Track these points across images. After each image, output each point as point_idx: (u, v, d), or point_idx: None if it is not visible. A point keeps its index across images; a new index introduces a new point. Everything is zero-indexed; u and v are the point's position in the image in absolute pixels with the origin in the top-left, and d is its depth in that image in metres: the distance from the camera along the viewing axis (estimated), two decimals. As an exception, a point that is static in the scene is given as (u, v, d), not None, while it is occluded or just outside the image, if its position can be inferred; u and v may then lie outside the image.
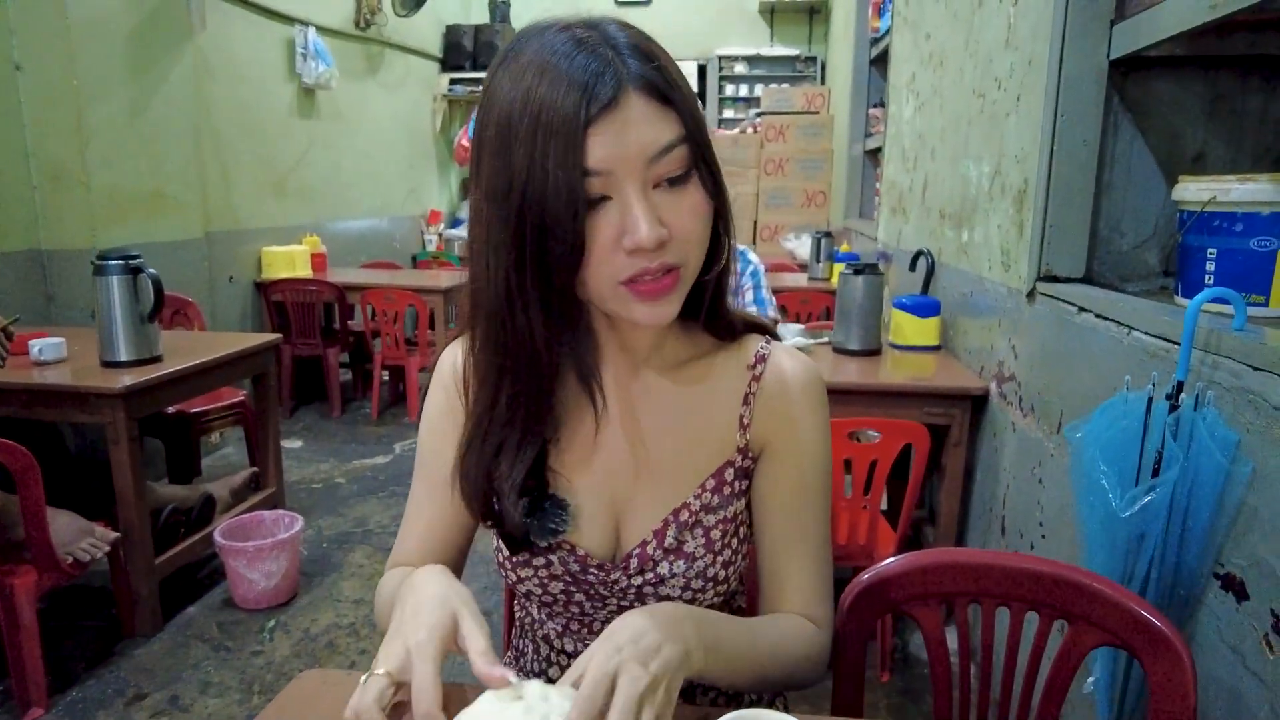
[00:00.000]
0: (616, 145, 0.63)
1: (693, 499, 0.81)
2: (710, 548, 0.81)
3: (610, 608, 0.83)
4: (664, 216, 0.66)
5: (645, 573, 0.80)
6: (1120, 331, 1.37)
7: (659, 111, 0.65)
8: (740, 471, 0.83)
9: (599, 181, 0.64)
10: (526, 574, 0.82)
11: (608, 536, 0.82)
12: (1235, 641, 1.02)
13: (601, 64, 0.63)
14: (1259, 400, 0.99)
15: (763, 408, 0.82)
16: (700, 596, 0.81)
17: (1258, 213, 1.29)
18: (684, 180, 0.68)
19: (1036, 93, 1.78)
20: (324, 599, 2.53)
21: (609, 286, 0.68)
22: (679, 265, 0.69)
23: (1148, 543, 1.08)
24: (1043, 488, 1.69)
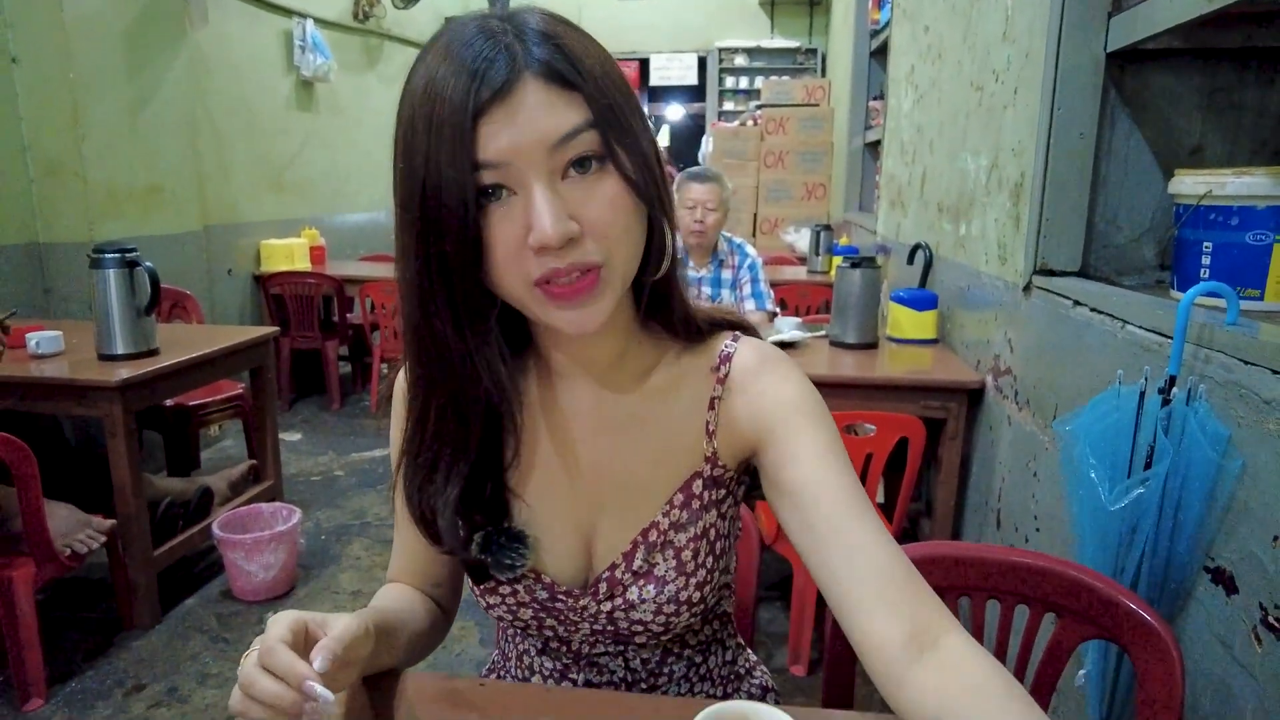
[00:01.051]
0: (512, 135, 0.60)
1: (661, 517, 0.77)
2: (682, 569, 0.76)
3: (584, 632, 0.80)
4: (575, 210, 0.62)
5: (615, 598, 0.77)
6: (1114, 325, 1.37)
7: (560, 96, 0.61)
8: (710, 482, 0.78)
9: (496, 174, 0.61)
10: (494, 601, 0.80)
11: (575, 561, 0.79)
12: (1224, 634, 1.02)
13: (496, 49, 0.60)
14: (1250, 395, 0.99)
15: (729, 408, 0.76)
16: (674, 620, 0.77)
17: (1254, 206, 1.28)
18: (595, 170, 0.63)
19: (1034, 86, 1.77)
20: (322, 591, 2.54)
21: (523, 289, 0.64)
22: (599, 263, 0.64)
23: (1139, 536, 1.08)
24: (1038, 481, 1.69)
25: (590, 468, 0.78)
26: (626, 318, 0.76)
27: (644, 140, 0.66)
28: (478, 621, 2.37)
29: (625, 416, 0.78)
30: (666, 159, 0.73)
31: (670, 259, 0.71)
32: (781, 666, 2.09)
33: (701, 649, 0.89)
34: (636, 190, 0.64)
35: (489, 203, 0.62)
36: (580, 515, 0.79)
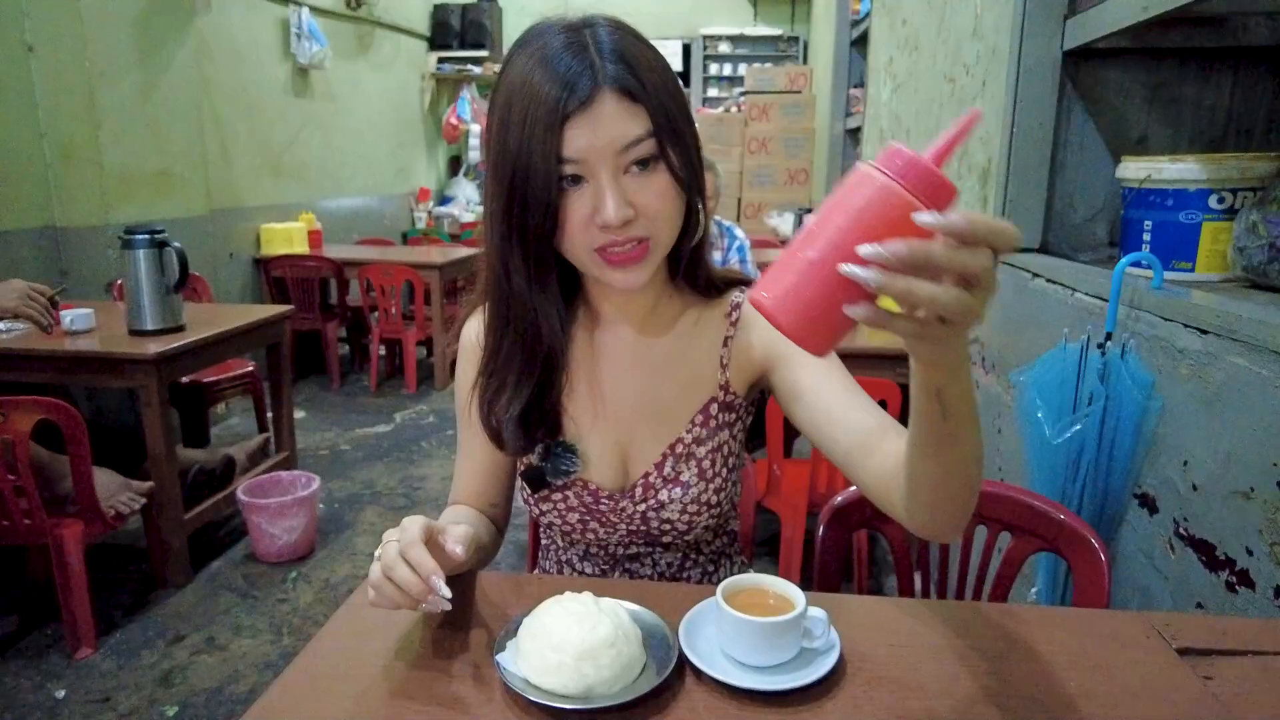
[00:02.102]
0: (590, 137, 0.76)
1: (685, 433, 0.95)
2: (703, 476, 0.95)
3: (620, 532, 0.99)
4: (633, 198, 0.79)
5: (648, 499, 0.95)
6: (1065, 293, 1.56)
7: (629, 109, 0.77)
8: (723, 406, 0.96)
9: (576, 167, 0.77)
10: (547, 508, 0.99)
11: (615, 471, 0.97)
12: (1147, 548, 1.22)
13: (582, 65, 0.76)
14: (1168, 346, 1.18)
15: (739, 344, 0.96)
16: (696, 519, 0.96)
17: (1186, 189, 1.46)
18: (651, 167, 0.79)
19: (999, 79, 1.95)
20: (341, 552, 2.70)
21: (586, 253, 0.82)
22: (648, 238, 0.81)
23: (1081, 469, 1.28)
24: (1001, 436, 1.89)
25: (627, 395, 0.97)
26: (661, 278, 0.95)
27: (690, 140, 0.83)
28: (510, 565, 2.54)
29: (656, 355, 0.98)
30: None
31: (703, 232, 0.91)
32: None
33: (714, 559, 1.07)
34: (681, 183, 0.82)
35: (567, 187, 0.80)
36: (619, 433, 0.97)
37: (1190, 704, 0.73)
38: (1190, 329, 1.13)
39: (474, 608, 0.89)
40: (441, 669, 0.77)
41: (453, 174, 7.38)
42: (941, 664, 0.78)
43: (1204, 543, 1.09)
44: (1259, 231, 1.30)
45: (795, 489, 2.16)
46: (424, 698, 0.73)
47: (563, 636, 0.71)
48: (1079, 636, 0.83)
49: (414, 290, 4.36)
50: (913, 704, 0.72)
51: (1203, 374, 1.10)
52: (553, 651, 0.71)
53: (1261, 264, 1.27)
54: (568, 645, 0.70)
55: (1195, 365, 1.12)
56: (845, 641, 0.78)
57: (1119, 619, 0.88)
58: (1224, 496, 1.05)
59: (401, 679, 0.76)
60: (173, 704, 1.94)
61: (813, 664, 0.75)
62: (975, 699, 0.73)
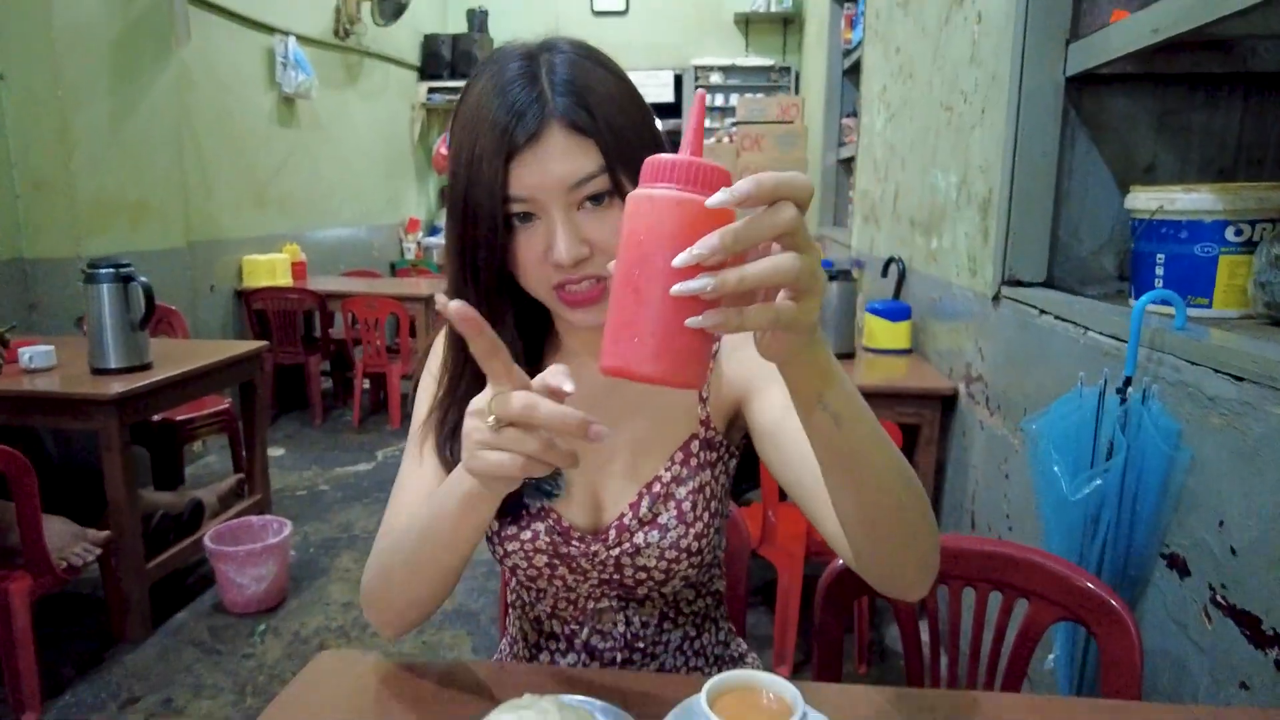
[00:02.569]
0: (538, 174, 0.72)
1: (663, 471, 0.87)
2: (682, 519, 0.86)
3: (591, 581, 0.89)
4: (588, 234, 0.75)
5: (623, 544, 0.86)
6: (1077, 332, 1.47)
7: (579, 144, 0.73)
8: (704, 443, 0.89)
9: (525, 205, 0.74)
10: (513, 547, 0.88)
11: (588, 510, 0.89)
12: (1179, 615, 1.10)
13: (531, 97, 0.72)
14: (1196, 392, 1.08)
15: (718, 375, 0.89)
16: (675, 567, 0.87)
17: (1201, 220, 1.38)
18: (606, 202, 0.75)
19: (999, 106, 1.87)
20: (313, 602, 2.57)
21: (544, 291, 0.78)
22: (606, 276, 0.74)
23: (1100, 526, 1.17)
24: (1009, 482, 1.78)
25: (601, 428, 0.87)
26: None
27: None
28: (469, 631, 2.41)
29: (630, 389, 0.87)
30: None
31: None
32: (767, 667, 2.15)
33: (696, 622, 0.96)
34: None
35: (518, 224, 0.75)
36: (592, 471, 0.89)
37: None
38: (1222, 375, 1.03)
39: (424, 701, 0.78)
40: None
41: (442, 204, 7.31)
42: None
43: (1246, 614, 0.98)
44: (1282, 266, 1.21)
45: (792, 535, 2.05)
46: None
47: None
48: (1118, 738, 0.72)
49: (399, 323, 4.26)
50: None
51: (1238, 425, 1.00)
52: None
53: (1287, 301, 1.18)
54: None
55: (1229, 415, 1.01)
56: (850, 749, 0.67)
57: (1162, 714, 0.77)
58: (1270, 562, 0.94)
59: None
60: (121, 774, 1.80)
61: (812, 783, 0.64)
62: (1005, 828, 0.61)
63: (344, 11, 5.40)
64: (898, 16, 3.08)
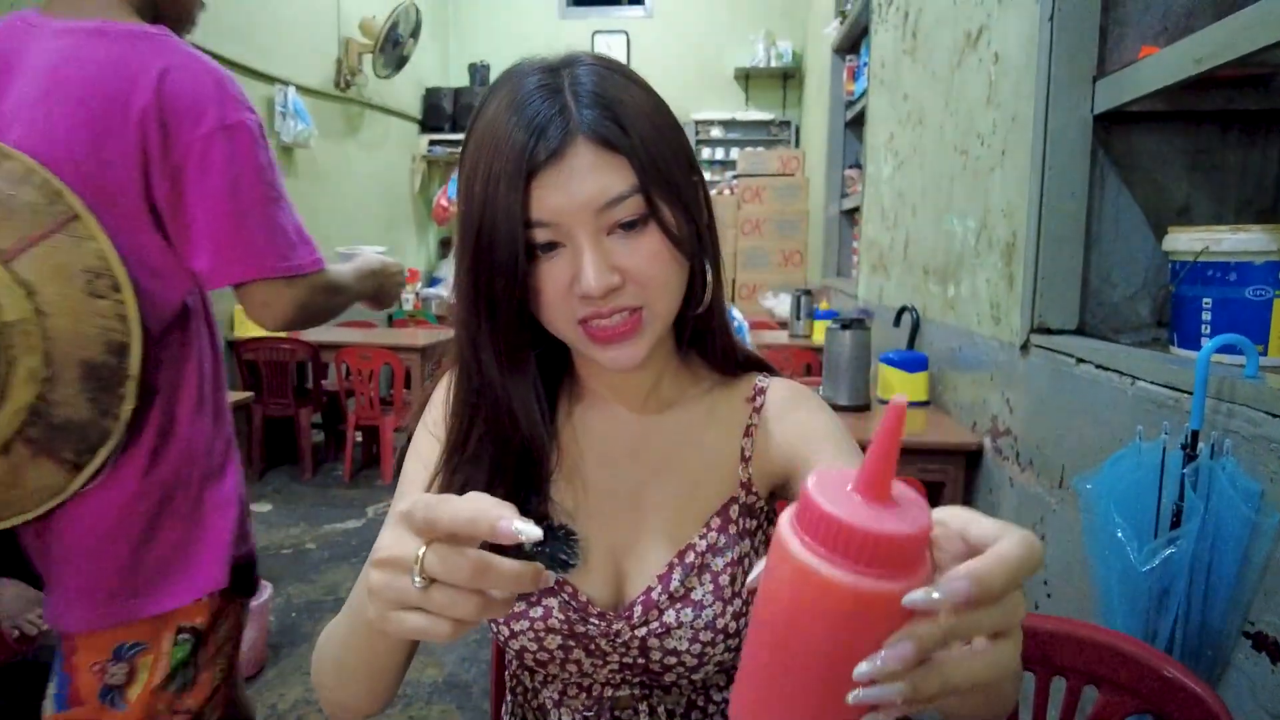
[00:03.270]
0: (562, 196, 0.64)
1: (698, 539, 0.77)
2: (719, 595, 0.75)
3: (611, 665, 0.77)
4: (620, 262, 0.66)
5: (650, 622, 0.75)
6: (1124, 382, 1.35)
7: (609, 161, 0.64)
8: (745, 509, 0.79)
9: (549, 231, 0.65)
10: (520, 627, 0.76)
11: (609, 583, 0.77)
12: (1272, 706, 0.96)
13: (554, 110, 0.64)
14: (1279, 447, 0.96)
15: (766, 436, 0.80)
16: (710, 650, 0.75)
17: (1251, 262, 1.29)
18: (639, 227, 0.67)
19: (1022, 148, 1.79)
20: (293, 671, 2.40)
21: (569, 328, 0.69)
22: (641, 307, 0.68)
23: (1171, 600, 1.04)
24: (1046, 544, 1.65)
25: (626, 490, 0.79)
26: (665, 350, 0.80)
27: (687, 192, 0.70)
28: (459, 705, 2.24)
29: (660, 443, 0.80)
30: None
31: (711, 297, 0.75)
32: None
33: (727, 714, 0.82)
34: (677, 244, 0.68)
35: (540, 254, 0.67)
36: (615, 537, 0.78)
37: None
38: (1313, 428, 0.91)
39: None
40: None
41: (443, 256, 7.28)
42: None
43: (1360, 709, 0.84)
44: (1349, 309, 1.10)
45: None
46: None
47: None
48: None
49: (394, 374, 4.14)
50: None
51: (1338, 486, 0.87)
52: None
53: (1356, 347, 1.07)
54: None
55: (1325, 475, 0.89)
56: None
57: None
58: (1389, 651, 0.81)
59: None
60: None
61: None
62: None
63: (345, 63, 5.42)
64: (905, 64, 3.04)
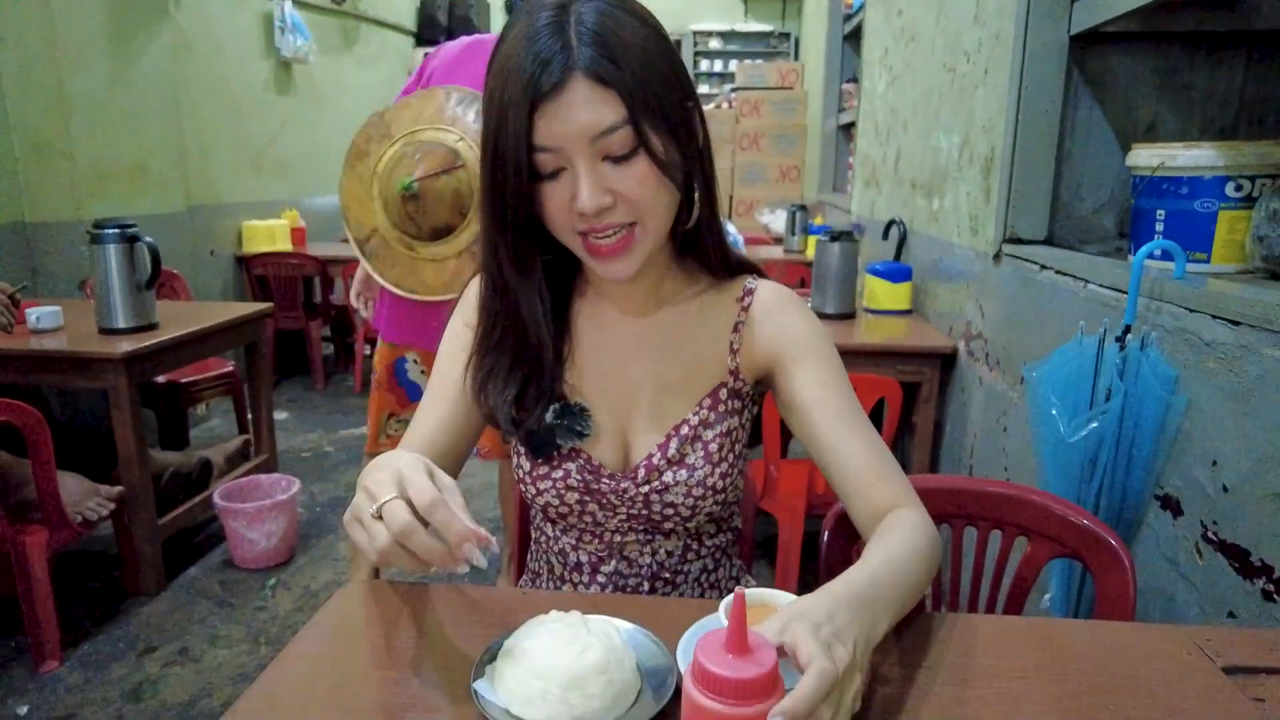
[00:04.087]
0: (561, 125, 0.74)
1: (691, 415, 0.91)
2: (709, 459, 0.90)
3: (620, 516, 0.93)
4: (613, 185, 0.76)
5: (651, 482, 0.90)
6: (1077, 285, 1.50)
7: (602, 95, 0.73)
8: (732, 392, 0.93)
9: (551, 156, 0.76)
10: (545, 486, 0.92)
11: (617, 450, 0.93)
12: (1171, 553, 1.15)
13: (556, 47, 0.73)
14: (1194, 339, 1.11)
15: (751, 333, 0.92)
16: (701, 504, 0.91)
17: (1201, 177, 1.40)
18: (630, 157, 0.76)
19: (1003, 66, 1.89)
20: (322, 558, 2.61)
21: (571, 239, 0.81)
22: (634, 223, 0.79)
23: (1098, 469, 1.21)
24: (1007, 435, 1.82)
25: (631, 375, 0.93)
26: (664, 257, 0.91)
27: (678, 121, 0.79)
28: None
29: (661, 334, 0.94)
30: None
31: (703, 211, 0.87)
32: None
33: (715, 555, 1.01)
34: (665, 170, 0.78)
35: (546, 175, 0.77)
36: (622, 413, 0.93)
37: (1245, 731, 0.65)
38: (1220, 320, 1.06)
39: (450, 626, 0.81)
40: (416, 698, 0.69)
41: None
42: (966, 685, 0.71)
43: (1236, 548, 1.02)
44: (1280, 220, 1.23)
45: (793, 491, 2.09)
46: (392, 731, 0.65)
47: (547, 663, 0.63)
48: (1113, 654, 0.76)
49: (400, 288, 4.26)
50: (938, 734, 0.65)
51: (1234, 368, 1.03)
52: (537, 679, 0.63)
53: (1283, 253, 1.21)
54: (554, 673, 0.63)
55: (1225, 359, 1.05)
56: (860, 662, 0.71)
57: (1154, 634, 0.81)
58: (1260, 498, 0.98)
59: (370, 708, 0.68)
60: (142, 719, 1.85)
61: (826, 689, 0.67)
62: (1008, 728, 0.66)
63: (340, -26, 5.34)
64: (900, -22, 3.06)
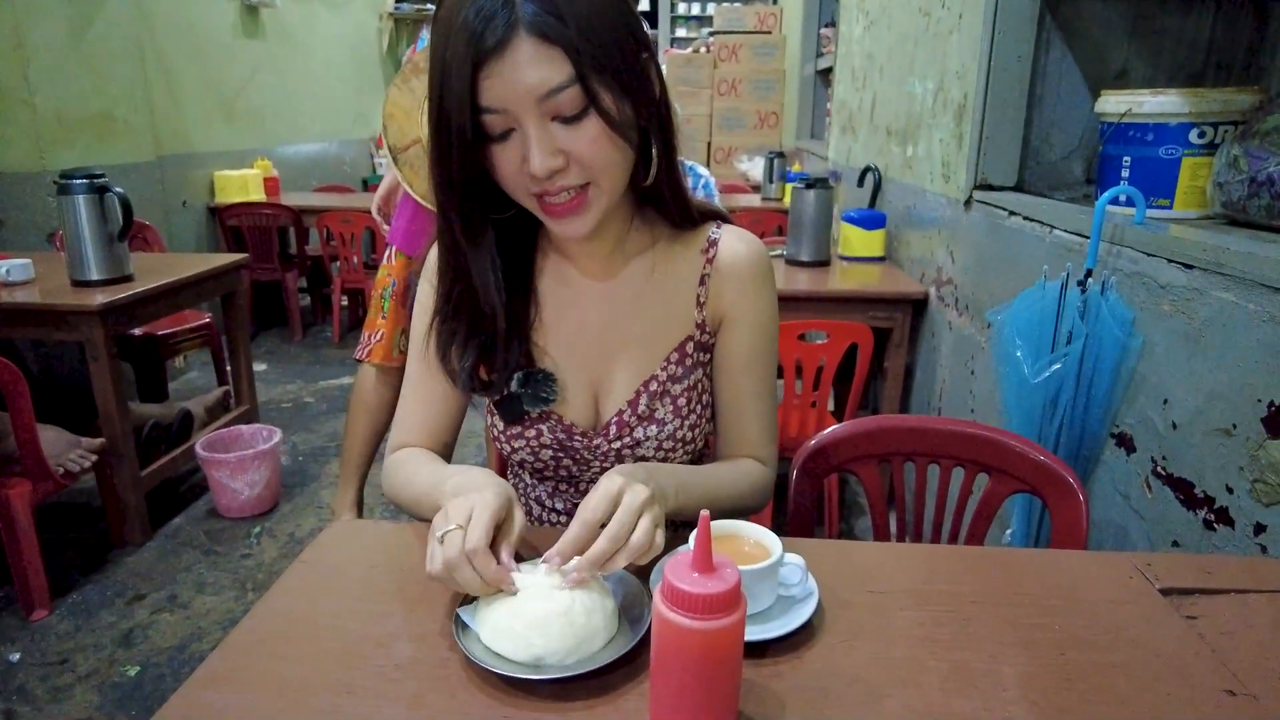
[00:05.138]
0: (506, 86, 0.70)
1: (660, 371, 0.92)
2: (678, 413, 0.93)
3: (594, 469, 0.96)
4: (564, 145, 0.74)
5: (623, 438, 0.93)
6: (1043, 231, 1.53)
7: (548, 53, 0.70)
8: (699, 345, 0.93)
9: (499, 118, 0.73)
10: (519, 445, 0.94)
11: (588, 408, 0.94)
12: (1124, 488, 1.20)
13: (497, 5, 0.69)
14: (1150, 281, 1.15)
15: (716, 286, 0.92)
16: (671, 456, 0.94)
17: (1166, 124, 1.42)
18: (580, 117, 0.73)
19: (977, 11, 1.89)
20: (306, 506, 2.65)
21: (526, 199, 0.79)
22: (587, 183, 0.77)
23: (1058, 409, 1.26)
24: (975, 378, 1.87)
25: (596, 331, 0.93)
26: (624, 213, 0.90)
27: (630, 76, 0.76)
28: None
29: (626, 290, 0.94)
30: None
31: (660, 166, 0.84)
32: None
33: None
34: (617, 129, 0.75)
35: (497, 136, 0.75)
36: (591, 371, 0.94)
37: (1176, 644, 0.71)
38: (1174, 264, 1.10)
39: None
40: (402, 629, 0.73)
41: (414, 119, 7.12)
42: (924, 609, 0.76)
43: (1182, 481, 1.07)
44: (1239, 166, 1.26)
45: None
46: (380, 657, 0.69)
47: (518, 603, 0.67)
48: (1061, 578, 0.81)
49: (375, 238, 4.23)
50: (895, 651, 0.70)
51: (1186, 310, 1.07)
52: (506, 617, 0.67)
53: (1241, 199, 1.24)
54: (520, 613, 0.67)
55: (1178, 301, 1.09)
56: (823, 589, 0.75)
57: (1100, 560, 0.86)
58: (1204, 434, 1.03)
59: (358, 638, 0.71)
60: (134, 664, 1.89)
61: (790, 612, 0.72)
62: (959, 645, 0.70)
63: (305, -89, 5.16)
64: (879, -81, 3.02)
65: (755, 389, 0.96)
